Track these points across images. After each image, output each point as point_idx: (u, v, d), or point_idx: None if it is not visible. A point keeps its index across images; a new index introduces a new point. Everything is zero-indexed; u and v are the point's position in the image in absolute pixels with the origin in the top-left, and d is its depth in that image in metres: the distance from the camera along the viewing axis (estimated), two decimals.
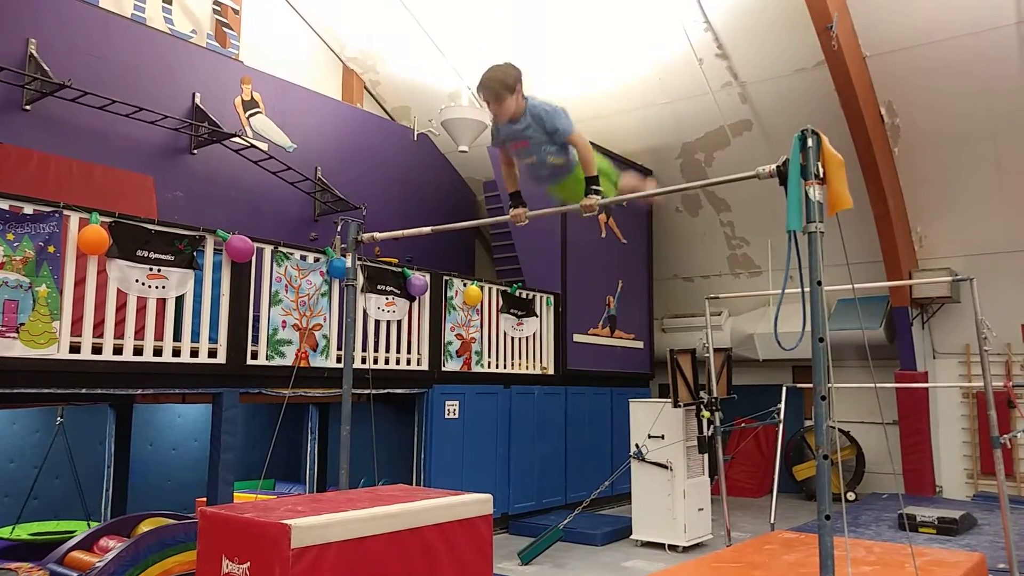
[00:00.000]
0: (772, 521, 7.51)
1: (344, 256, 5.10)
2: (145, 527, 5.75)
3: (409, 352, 7.49)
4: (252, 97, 9.01)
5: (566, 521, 7.13)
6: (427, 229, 4.89)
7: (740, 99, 9.75)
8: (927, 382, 9.67)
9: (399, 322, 7.38)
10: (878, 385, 9.19)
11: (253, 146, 8.75)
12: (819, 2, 7.94)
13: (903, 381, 9.45)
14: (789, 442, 10.22)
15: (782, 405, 7.83)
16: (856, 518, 8.22)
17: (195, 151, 8.40)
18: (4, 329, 4.68)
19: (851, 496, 9.83)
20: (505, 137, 3.98)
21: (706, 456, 7.59)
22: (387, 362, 7.25)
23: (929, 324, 10.15)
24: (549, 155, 3.92)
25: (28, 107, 7.06)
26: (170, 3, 8.59)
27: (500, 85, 3.75)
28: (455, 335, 7.93)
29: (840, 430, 10.40)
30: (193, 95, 8.37)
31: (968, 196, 9.35)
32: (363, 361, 6.80)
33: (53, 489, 7.06)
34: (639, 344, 10.76)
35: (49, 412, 6.94)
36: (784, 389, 7.98)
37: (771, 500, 7.73)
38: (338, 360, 6.50)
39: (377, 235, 4.95)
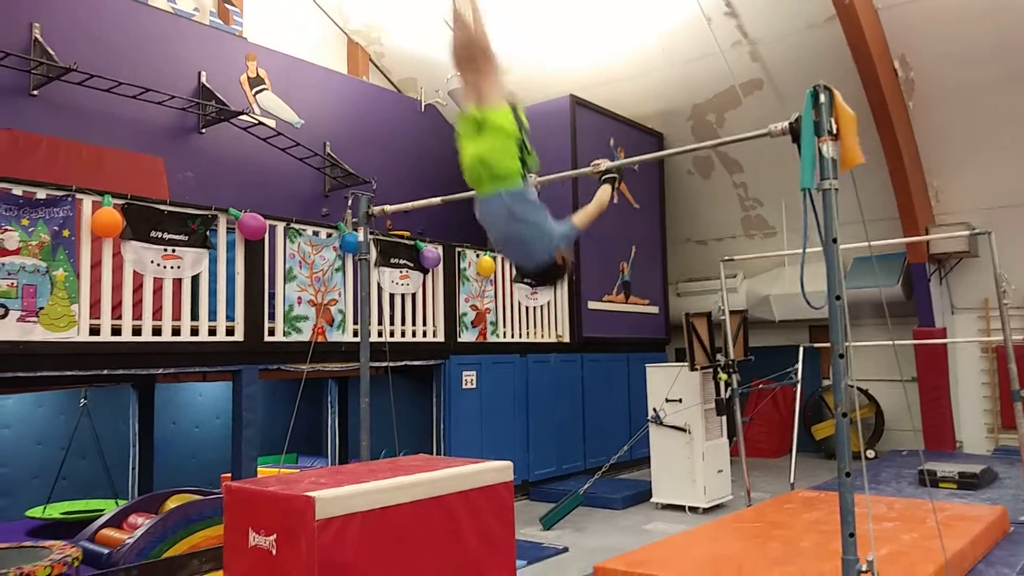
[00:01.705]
0: (792, 480, 7.55)
1: (356, 231, 5.10)
2: (172, 503, 5.86)
3: (425, 324, 7.52)
4: (258, 74, 8.97)
5: (586, 486, 7.18)
6: (437, 200, 4.88)
7: (750, 58, 9.60)
8: (945, 338, 9.60)
9: (413, 295, 7.40)
10: (896, 342, 9.13)
11: (261, 123, 8.73)
12: None
13: (921, 338, 9.39)
14: (807, 402, 10.21)
15: (799, 365, 7.82)
16: (876, 475, 8.24)
17: (203, 130, 8.39)
18: (25, 313, 4.73)
19: (871, 454, 9.84)
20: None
21: (724, 418, 7.60)
22: (403, 335, 7.29)
23: (947, 279, 10.05)
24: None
25: (35, 92, 7.05)
26: None
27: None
28: (470, 306, 7.94)
29: (858, 388, 10.37)
30: (199, 74, 8.33)
31: (984, 149, 9.20)
32: (379, 334, 6.83)
33: (81, 469, 7.18)
34: (654, 309, 10.75)
35: (73, 394, 7.04)
36: (801, 349, 7.96)
37: (790, 460, 7.76)
38: (355, 334, 6.53)
39: (388, 208, 4.95)
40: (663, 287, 11.02)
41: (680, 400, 7.35)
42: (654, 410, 7.48)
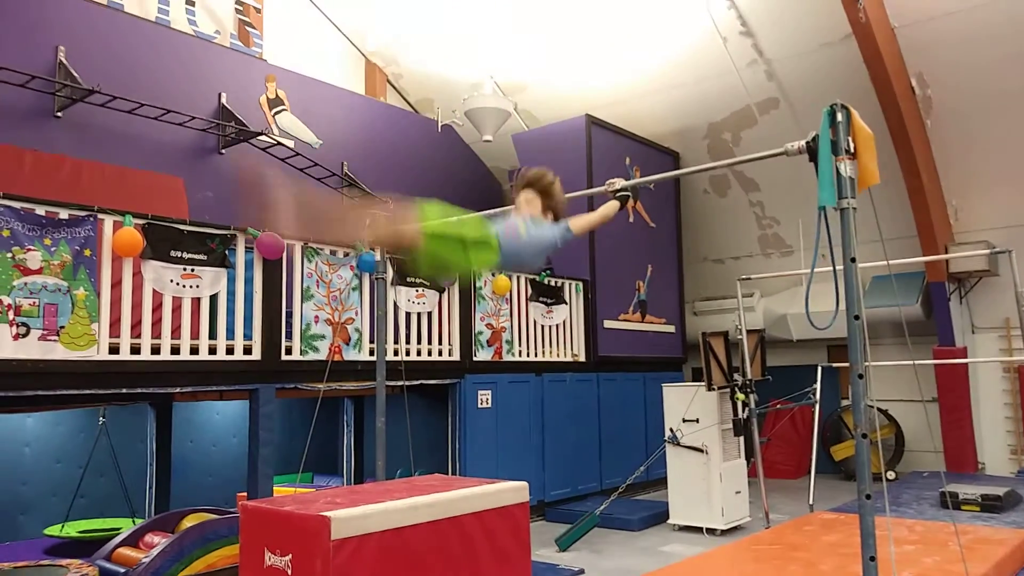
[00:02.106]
0: (811, 502, 7.45)
1: (373, 250, 5.13)
2: (188, 522, 5.86)
3: (440, 343, 7.53)
4: (277, 95, 9.08)
5: (602, 507, 7.13)
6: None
7: (766, 76, 9.61)
8: (966, 357, 9.49)
9: (429, 313, 7.42)
10: (916, 362, 9.04)
11: (280, 143, 8.82)
12: None
13: (941, 357, 9.28)
14: (826, 422, 10.11)
15: (818, 385, 7.75)
16: (897, 497, 8.11)
17: (223, 151, 8.49)
18: (45, 332, 4.79)
19: (891, 475, 9.70)
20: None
21: (742, 439, 7.54)
22: (419, 353, 7.30)
23: (967, 299, 9.94)
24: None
25: (60, 114, 7.18)
26: (193, 4, 8.67)
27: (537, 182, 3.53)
28: (485, 325, 7.95)
29: (878, 409, 10.25)
30: (219, 95, 8.45)
31: (1004, 167, 9.13)
32: (395, 353, 6.85)
33: (98, 488, 7.22)
34: (671, 328, 10.70)
35: (91, 413, 7.09)
36: (819, 369, 7.89)
37: (809, 481, 7.66)
38: (371, 353, 6.55)
39: None
40: (679, 306, 10.98)
41: (697, 420, 7.30)
42: (671, 430, 7.43)
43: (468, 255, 3.24)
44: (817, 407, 7.85)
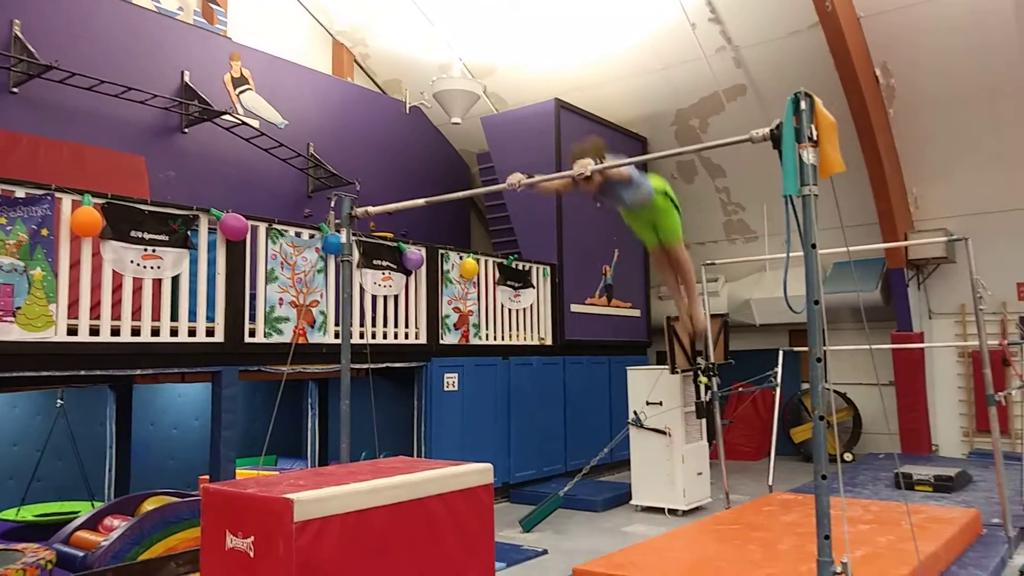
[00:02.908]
0: (771, 483, 7.60)
1: (339, 232, 5.09)
2: (149, 506, 5.81)
3: (407, 326, 7.51)
4: (241, 74, 8.93)
5: (566, 488, 7.20)
6: (421, 201, 4.88)
7: (734, 64, 9.68)
8: (923, 342, 9.72)
9: (396, 297, 7.39)
10: (874, 346, 9.23)
11: (244, 123, 8.69)
12: None
13: (899, 342, 9.49)
14: (786, 405, 10.29)
15: (779, 369, 7.88)
16: (853, 478, 8.32)
17: (186, 130, 8.34)
18: (1, 313, 4.68)
19: (848, 457, 9.93)
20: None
21: (704, 421, 7.66)
22: (385, 336, 7.27)
23: (925, 285, 10.18)
24: (629, 198, 4.93)
25: (15, 89, 6.99)
26: None
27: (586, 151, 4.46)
28: (452, 308, 7.95)
29: (836, 392, 10.47)
30: (182, 73, 8.29)
31: (964, 156, 9.33)
32: (361, 336, 6.83)
33: (56, 471, 7.11)
34: (636, 312, 10.80)
35: (49, 395, 6.97)
36: (781, 353, 8.03)
37: (769, 463, 7.81)
38: (336, 336, 6.51)
39: (371, 209, 4.94)
40: (645, 290, 11.08)
41: (660, 403, 7.39)
42: (634, 413, 7.52)
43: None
44: (778, 390, 7.99)
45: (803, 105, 2.87)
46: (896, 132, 9.45)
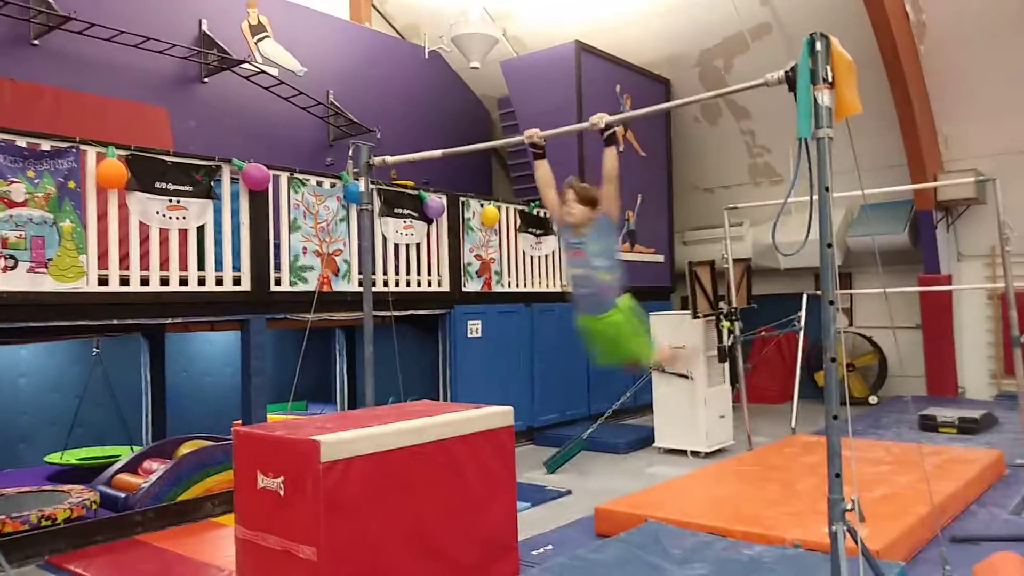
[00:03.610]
0: (793, 426, 7.66)
1: (358, 181, 5.11)
2: (185, 449, 6.01)
3: (430, 274, 7.57)
4: (259, 21, 8.87)
5: (589, 431, 7.31)
6: (438, 153, 4.86)
7: (759, 2, 9.42)
8: (951, 285, 9.60)
9: (418, 245, 7.43)
10: (896, 289, 9.16)
11: (263, 72, 8.67)
12: None
13: (926, 285, 9.39)
14: (811, 349, 10.28)
15: (803, 312, 7.86)
16: (877, 420, 8.34)
17: (206, 79, 8.34)
18: (34, 264, 4.80)
19: (873, 400, 9.95)
20: (566, 243, 4.27)
21: (727, 365, 7.69)
22: (408, 284, 7.35)
23: (954, 227, 10.01)
24: (598, 270, 3.99)
25: (36, 41, 7.02)
26: None
27: (586, 197, 4.06)
28: (474, 256, 7.98)
29: (862, 335, 10.43)
30: (200, 22, 8.25)
31: (997, 95, 9.06)
32: (385, 284, 6.90)
33: (96, 417, 7.34)
34: (660, 258, 10.76)
35: (86, 344, 7.16)
36: (805, 297, 7.99)
37: (792, 406, 7.86)
38: (360, 284, 6.59)
39: (388, 159, 4.94)
40: (669, 236, 11.02)
41: (683, 347, 7.41)
42: None
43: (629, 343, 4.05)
44: (802, 334, 7.97)
45: (819, 46, 2.81)
46: (927, 70, 9.18)
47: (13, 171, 4.75)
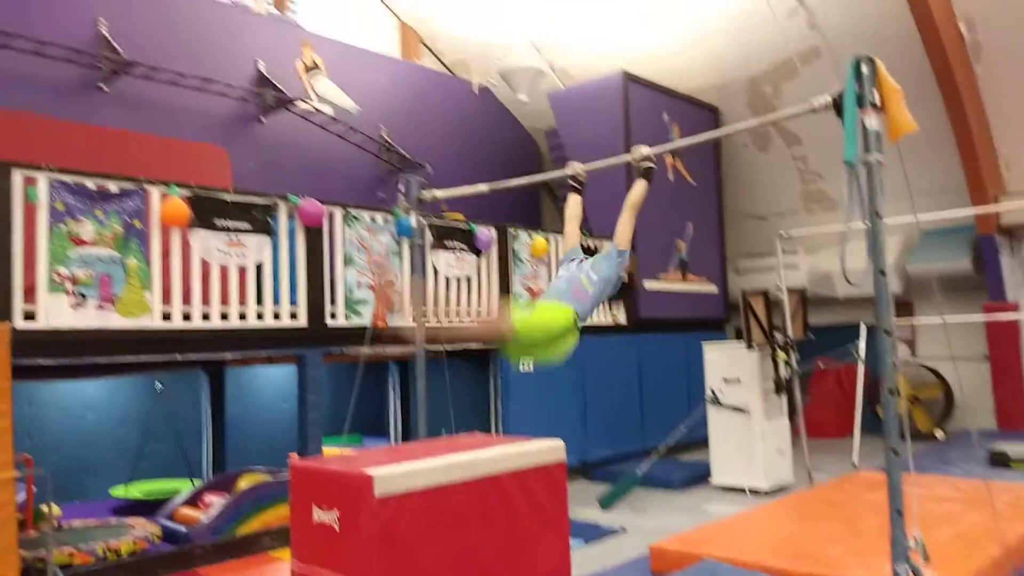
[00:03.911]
0: (855, 461, 7.42)
1: (409, 215, 5.20)
2: (244, 483, 6.10)
3: (480, 306, 7.61)
4: (313, 61, 9.14)
5: (643, 467, 7.20)
6: (484, 187, 4.93)
7: (808, 25, 9.33)
8: (1018, 313, 9.24)
9: (468, 277, 7.49)
10: (950, 319, 8.81)
11: (318, 110, 8.91)
12: None
13: (991, 313, 9.06)
14: (871, 380, 9.98)
15: (861, 342, 7.66)
16: (945, 456, 8.03)
17: (263, 119, 8.61)
18: (102, 301, 4.98)
19: (940, 434, 9.58)
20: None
21: (784, 398, 7.51)
22: (459, 317, 7.39)
23: (1021, 252, 9.65)
24: (585, 276, 3.85)
25: (104, 87, 7.35)
26: None
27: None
28: (524, 287, 8.00)
29: (927, 367, 10.09)
30: (256, 63, 8.54)
31: None
32: (436, 317, 6.96)
33: (158, 450, 7.52)
34: (712, 287, 10.63)
35: (149, 379, 7.36)
36: (863, 326, 7.79)
37: (853, 440, 7.62)
38: (413, 318, 6.66)
39: (438, 193, 5.02)
40: (721, 264, 10.89)
41: (738, 380, 7.29)
42: (711, 390, 7.44)
43: (556, 345, 3.65)
44: (861, 365, 7.76)
45: (865, 70, 2.78)
46: (984, 90, 8.94)
47: (83, 211, 4.95)
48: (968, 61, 8.73)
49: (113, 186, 5.15)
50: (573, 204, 4.30)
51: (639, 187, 4.01)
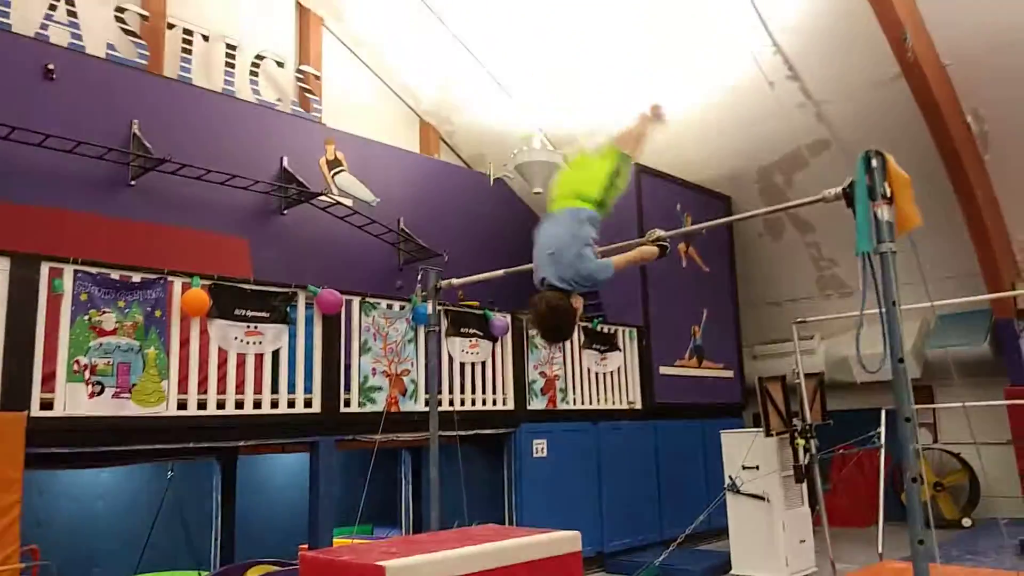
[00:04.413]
0: (880, 551, 7.19)
1: (426, 303, 5.28)
2: (252, 575, 5.99)
3: (495, 392, 7.60)
4: (336, 156, 9.46)
5: (662, 558, 7.02)
6: (500, 272, 5.02)
7: (816, 118, 9.59)
8: None
9: (483, 363, 7.51)
10: (970, 404, 8.65)
11: (339, 203, 9.16)
12: (890, 14, 7.79)
13: (1013, 397, 8.91)
14: (895, 467, 9.76)
15: (882, 428, 7.54)
16: (973, 545, 7.77)
17: (285, 212, 8.85)
18: (119, 390, 5.05)
19: (967, 522, 9.29)
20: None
21: (804, 486, 7.36)
22: (473, 403, 7.38)
23: None
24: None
25: (133, 182, 7.62)
26: (257, 75, 9.16)
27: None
28: (539, 373, 8.00)
29: (949, 452, 9.88)
30: (281, 159, 8.85)
31: None
32: (451, 403, 6.95)
33: (167, 539, 7.41)
34: (728, 373, 10.56)
35: (160, 467, 7.34)
36: (883, 412, 7.68)
37: (878, 529, 7.41)
38: (426, 403, 6.66)
39: (454, 281, 5.12)
40: (737, 350, 10.85)
41: (757, 467, 7.16)
42: (730, 478, 7.31)
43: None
44: (883, 451, 7.61)
45: (875, 163, 2.87)
46: (994, 178, 9.07)
47: (106, 302, 5.08)
48: (977, 151, 8.89)
49: (136, 277, 5.29)
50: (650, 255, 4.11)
51: (650, 248, 4.01)
